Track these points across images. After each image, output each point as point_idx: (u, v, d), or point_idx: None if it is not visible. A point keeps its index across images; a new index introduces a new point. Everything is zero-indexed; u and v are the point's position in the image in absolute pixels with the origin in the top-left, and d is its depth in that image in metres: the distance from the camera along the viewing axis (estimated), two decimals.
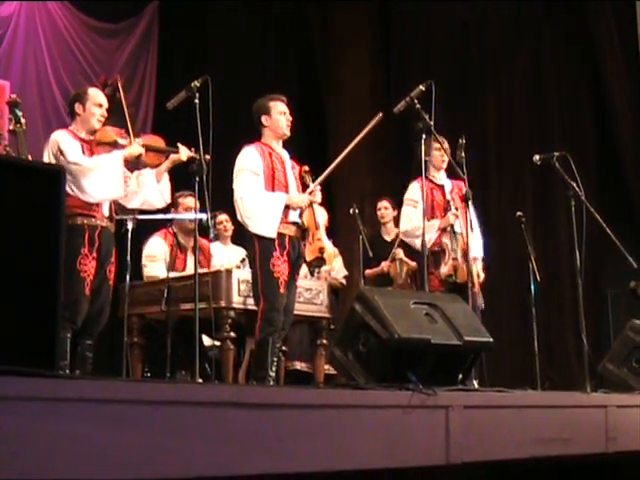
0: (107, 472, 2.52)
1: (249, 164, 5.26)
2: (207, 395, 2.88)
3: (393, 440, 3.42)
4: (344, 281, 7.44)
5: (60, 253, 2.84)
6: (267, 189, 5.25)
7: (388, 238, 7.62)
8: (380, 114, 5.54)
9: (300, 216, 5.34)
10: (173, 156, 5.29)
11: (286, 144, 5.52)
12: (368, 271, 7.50)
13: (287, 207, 5.26)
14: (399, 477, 3.81)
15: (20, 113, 5.12)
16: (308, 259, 5.39)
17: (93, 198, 5.00)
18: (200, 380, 4.69)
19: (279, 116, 5.37)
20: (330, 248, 5.50)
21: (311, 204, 5.37)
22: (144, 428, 2.61)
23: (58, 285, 2.82)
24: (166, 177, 5.38)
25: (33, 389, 2.39)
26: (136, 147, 5.20)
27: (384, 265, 7.37)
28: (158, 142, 5.46)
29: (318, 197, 5.45)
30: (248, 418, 2.93)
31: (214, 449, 2.80)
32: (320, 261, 5.44)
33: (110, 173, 5.02)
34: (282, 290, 5.16)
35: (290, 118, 5.42)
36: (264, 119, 5.37)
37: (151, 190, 5.33)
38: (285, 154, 5.45)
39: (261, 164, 5.26)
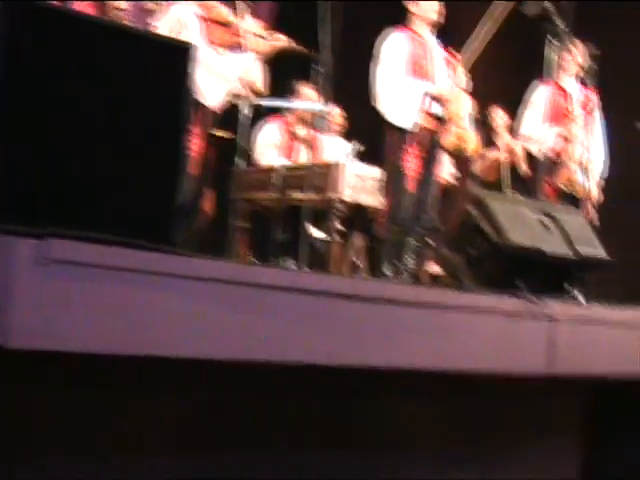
0: (218, 350, 2.58)
1: (393, 52, 5.05)
2: (318, 284, 2.89)
3: (497, 345, 3.41)
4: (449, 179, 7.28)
5: (182, 130, 2.86)
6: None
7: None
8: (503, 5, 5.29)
9: (443, 106, 5.09)
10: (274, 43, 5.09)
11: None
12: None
13: (432, 98, 5.04)
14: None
15: None
16: (447, 146, 5.18)
17: None
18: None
19: (427, 1, 5.12)
20: (473, 138, 5.30)
21: None
22: (258, 311, 2.64)
23: (179, 163, 2.85)
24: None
25: (150, 263, 2.42)
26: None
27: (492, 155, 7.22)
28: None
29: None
30: (355, 310, 2.94)
31: (322, 337, 2.83)
32: (460, 151, 5.26)
33: None
34: (411, 187, 5.02)
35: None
36: (410, 5, 5.13)
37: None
38: (433, 41, 5.21)
39: (407, 50, 5.05)
